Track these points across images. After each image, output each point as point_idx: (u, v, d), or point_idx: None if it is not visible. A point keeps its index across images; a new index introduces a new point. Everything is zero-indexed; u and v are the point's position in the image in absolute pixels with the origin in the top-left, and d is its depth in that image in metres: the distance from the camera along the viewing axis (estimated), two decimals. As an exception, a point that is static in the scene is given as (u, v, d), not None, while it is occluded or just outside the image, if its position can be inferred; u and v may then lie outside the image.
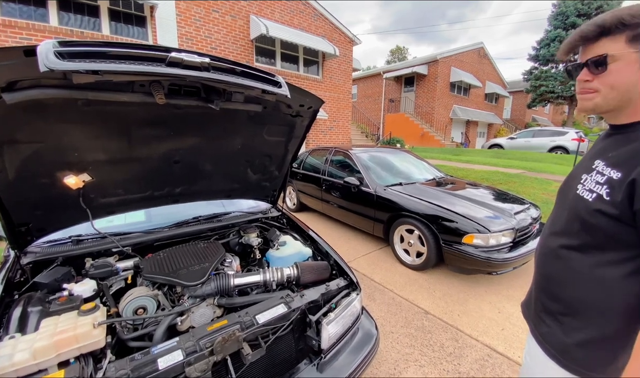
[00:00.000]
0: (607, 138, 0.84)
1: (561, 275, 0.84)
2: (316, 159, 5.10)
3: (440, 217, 2.99)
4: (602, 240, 0.74)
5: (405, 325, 2.34)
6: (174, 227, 1.86)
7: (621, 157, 0.73)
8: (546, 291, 0.90)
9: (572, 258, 0.81)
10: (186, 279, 1.38)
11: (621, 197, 0.69)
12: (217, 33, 7.85)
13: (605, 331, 0.76)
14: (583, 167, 0.86)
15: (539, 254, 0.96)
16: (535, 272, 0.99)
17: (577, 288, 0.80)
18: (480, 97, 19.95)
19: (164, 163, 1.62)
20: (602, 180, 0.75)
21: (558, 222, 0.89)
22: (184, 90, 1.25)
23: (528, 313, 1.02)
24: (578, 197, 0.80)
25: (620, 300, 0.73)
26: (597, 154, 0.82)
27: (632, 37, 0.69)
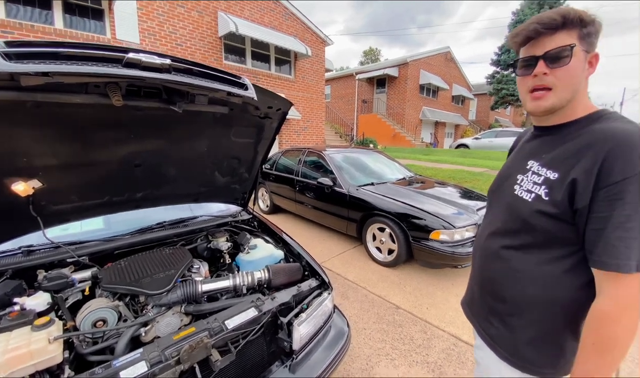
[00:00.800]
0: (536, 139, 0.86)
1: (505, 276, 0.84)
2: (289, 159, 5.09)
3: (410, 215, 3.11)
4: (542, 238, 0.75)
5: (377, 321, 2.41)
6: (136, 234, 1.77)
7: (556, 157, 0.75)
8: (491, 293, 0.90)
9: (514, 258, 0.81)
10: (150, 288, 1.32)
11: (561, 196, 0.70)
12: (182, 29, 7.47)
13: (551, 326, 0.78)
14: (515, 168, 0.86)
15: (480, 257, 0.95)
16: (476, 273, 0.99)
17: (521, 287, 0.80)
18: (447, 99, 20.92)
19: (124, 167, 1.54)
20: (539, 181, 0.76)
21: (496, 223, 0.89)
22: (143, 91, 1.20)
23: (473, 314, 1.01)
24: (516, 198, 0.80)
25: (562, 294, 0.75)
26: (528, 155, 0.84)
27: (583, 35, 0.70)
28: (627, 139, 0.64)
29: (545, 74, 0.72)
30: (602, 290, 0.67)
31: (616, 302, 0.64)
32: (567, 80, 0.72)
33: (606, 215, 0.64)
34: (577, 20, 0.70)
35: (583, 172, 0.67)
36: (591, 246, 0.67)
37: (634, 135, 0.64)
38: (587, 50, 0.72)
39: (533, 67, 0.74)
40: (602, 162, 0.64)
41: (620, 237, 0.63)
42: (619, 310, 0.64)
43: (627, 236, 0.62)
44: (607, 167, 0.64)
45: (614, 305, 0.64)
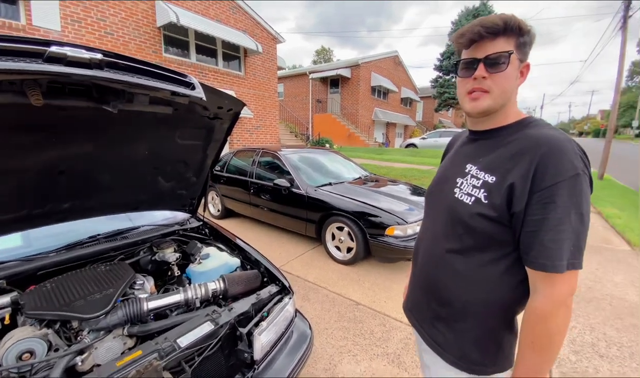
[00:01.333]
0: (472, 143, 0.88)
1: (449, 281, 0.84)
2: (242, 160, 4.90)
3: (367, 213, 3.20)
4: (482, 241, 0.77)
5: (338, 320, 2.44)
6: (63, 251, 1.55)
7: (493, 161, 0.77)
8: (436, 298, 0.89)
9: (457, 262, 0.82)
10: (84, 311, 1.17)
11: (500, 200, 0.72)
12: (113, 16, 6.64)
13: (493, 326, 0.80)
14: (454, 171, 0.87)
15: (423, 261, 0.94)
16: (419, 278, 0.98)
17: (464, 291, 0.81)
18: (397, 101, 22.13)
19: (45, 175, 1.33)
20: (478, 184, 0.77)
21: (437, 227, 0.89)
22: (68, 89, 1.04)
23: (417, 320, 0.98)
24: (457, 201, 0.81)
25: (501, 294, 0.77)
26: (466, 158, 0.85)
27: (519, 44, 0.73)
28: (558, 145, 0.67)
29: (484, 77, 0.75)
30: (537, 289, 0.70)
31: (551, 301, 0.68)
32: (503, 86, 0.75)
33: (540, 218, 0.67)
34: (516, 28, 0.72)
35: (520, 176, 0.69)
36: (527, 248, 0.70)
37: (564, 142, 0.68)
38: (521, 59, 0.75)
39: (474, 69, 0.76)
40: (536, 167, 0.67)
41: (553, 239, 0.66)
42: (553, 307, 0.67)
43: (559, 238, 0.65)
44: (540, 172, 0.67)
45: (549, 303, 0.68)
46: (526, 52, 0.76)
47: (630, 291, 2.93)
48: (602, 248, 4.02)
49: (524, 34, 0.73)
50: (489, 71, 0.74)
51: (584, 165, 0.68)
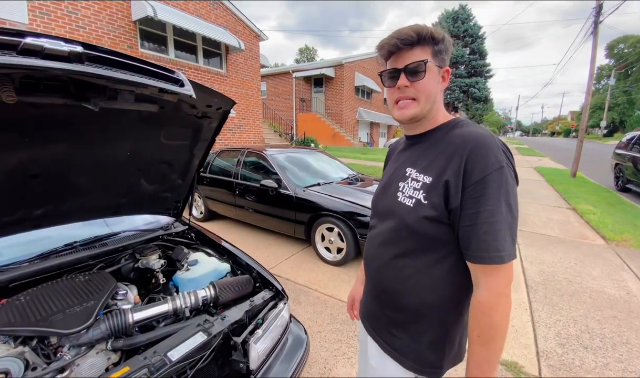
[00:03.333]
0: (409, 147, 0.90)
1: (400, 285, 0.84)
2: (226, 161, 4.76)
3: (357, 213, 3.19)
4: (426, 242, 0.78)
5: (331, 322, 2.41)
6: (37, 260, 1.42)
7: (430, 162, 0.79)
8: (390, 305, 0.88)
9: (405, 266, 0.82)
10: (63, 326, 1.08)
11: (437, 199, 0.74)
12: (85, 9, 6.31)
13: (445, 326, 0.82)
14: (396, 176, 0.88)
15: (373, 268, 0.94)
16: (370, 286, 0.97)
17: (415, 294, 0.82)
18: (380, 101, 22.40)
19: (15, 179, 1.21)
20: (418, 186, 0.79)
21: (384, 233, 0.89)
22: (43, 84, 0.95)
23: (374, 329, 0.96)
24: (400, 204, 0.82)
25: (449, 293, 0.80)
26: (405, 163, 0.87)
27: (435, 52, 0.77)
28: (483, 141, 0.71)
29: (407, 86, 0.78)
30: (478, 282, 0.72)
31: (492, 292, 0.69)
32: (425, 92, 0.78)
33: (473, 212, 0.69)
34: (429, 38, 0.76)
35: (452, 174, 0.72)
36: (465, 243, 0.72)
37: (488, 138, 0.72)
38: (440, 65, 0.79)
39: (397, 79, 0.80)
40: (465, 163, 0.71)
41: (487, 231, 0.68)
42: (495, 299, 0.69)
43: (493, 229, 0.68)
44: (469, 168, 0.70)
45: (490, 295, 0.70)
46: (443, 58, 0.79)
47: (608, 284, 3.08)
48: (579, 243, 4.21)
49: (438, 43, 0.77)
50: (410, 80, 0.78)
51: (506, 159, 0.71)
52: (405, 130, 0.93)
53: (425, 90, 0.78)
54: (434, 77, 0.78)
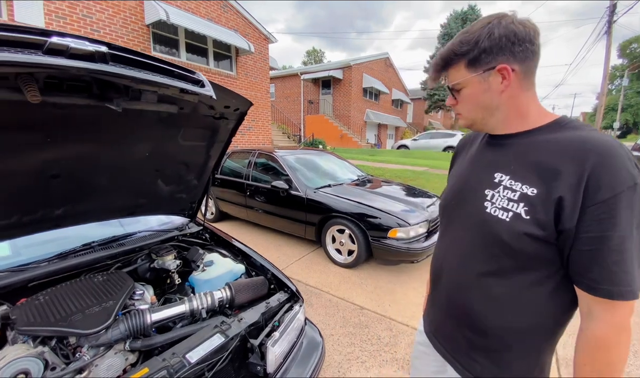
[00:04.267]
0: (495, 148, 0.79)
1: (485, 307, 0.75)
2: (237, 162, 4.78)
3: (369, 215, 3.15)
4: (523, 261, 0.69)
5: (343, 325, 2.38)
6: (56, 260, 1.44)
7: (530, 169, 0.69)
8: (470, 326, 0.79)
9: (495, 286, 0.73)
10: (83, 326, 1.08)
11: (546, 216, 0.64)
12: (100, 12, 6.40)
13: (539, 352, 0.74)
14: (479, 181, 0.78)
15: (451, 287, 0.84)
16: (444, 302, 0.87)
17: (505, 318, 0.73)
18: (388, 102, 22.30)
19: (36, 178, 1.22)
20: (514, 197, 0.69)
21: (463, 246, 0.80)
22: (67, 84, 0.95)
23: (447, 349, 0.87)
24: (490, 217, 0.71)
25: (547, 318, 0.71)
26: (492, 166, 0.77)
27: (468, 64, 0.72)
28: (611, 151, 0.59)
29: (453, 104, 0.80)
30: (593, 314, 0.63)
31: (613, 327, 0.61)
32: (467, 106, 0.77)
33: (597, 236, 0.59)
34: (453, 56, 0.74)
35: (568, 189, 0.61)
36: (582, 269, 0.63)
37: (616, 146, 0.60)
38: (485, 70, 0.71)
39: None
40: (588, 177, 0.59)
41: (617, 261, 0.59)
42: (616, 335, 0.61)
43: (623, 259, 0.59)
44: (594, 183, 0.59)
45: (610, 330, 0.61)
46: (486, 61, 0.70)
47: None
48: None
49: (467, 53, 0.71)
50: (454, 98, 0.79)
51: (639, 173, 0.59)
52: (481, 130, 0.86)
53: (466, 105, 0.77)
54: (474, 89, 0.73)
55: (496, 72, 0.70)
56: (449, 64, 0.75)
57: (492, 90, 0.72)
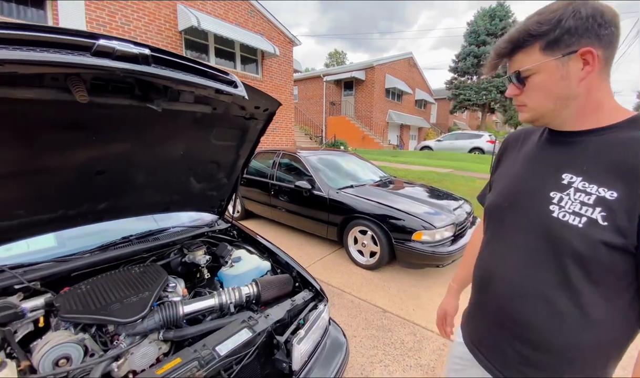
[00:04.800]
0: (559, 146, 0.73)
1: (546, 321, 0.68)
2: (261, 162, 4.88)
3: (393, 216, 3.11)
4: (597, 272, 0.62)
5: (366, 327, 2.35)
6: (97, 252, 1.53)
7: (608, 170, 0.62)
8: (526, 341, 0.72)
9: (559, 298, 0.66)
10: (121, 315, 1.13)
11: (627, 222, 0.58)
12: (137, 20, 6.84)
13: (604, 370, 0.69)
14: (542, 181, 0.72)
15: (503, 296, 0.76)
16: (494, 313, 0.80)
17: (570, 333, 0.66)
18: (411, 103, 21.85)
19: (83, 174, 1.31)
20: (589, 201, 0.62)
21: (521, 253, 0.73)
22: (112, 86, 1.01)
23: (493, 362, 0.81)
24: (558, 222, 0.65)
25: (617, 333, 0.66)
26: (558, 165, 0.70)
27: (545, 46, 0.64)
28: None
29: (516, 94, 0.72)
30: None
31: None
32: (537, 96, 0.68)
33: None
34: (527, 37, 0.65)
35: None
36: None
37: None
38: (565, 54, 0.63)
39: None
40: None
41: None
42: None
43: None
44: None
45: None
46: (569, 43, 0.62)
47: None
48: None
49: (544, 34, 0.63)
50: (517, 87, 0.71)
51: None
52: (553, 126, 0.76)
53: (533, 97, 0.69)
54: (548, 76, 0.65)
55: (578, 56, 0.62)
56: (519, 46, 0.67)
57: (571, 77, 0.64)
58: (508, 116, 24.22)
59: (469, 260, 1.07)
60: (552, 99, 0.67)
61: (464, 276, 1.13)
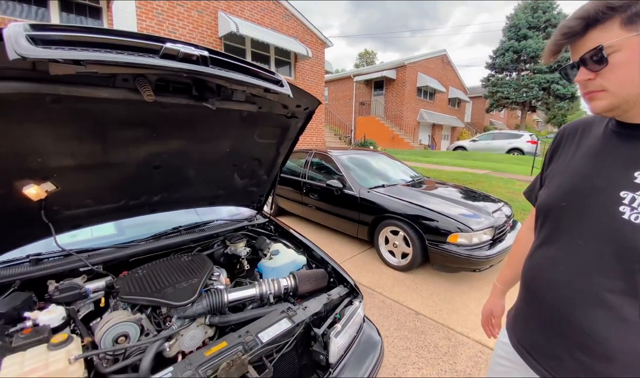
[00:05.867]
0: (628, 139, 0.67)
1: (612, 329, 0.65)
2: (294, 161, 4.98)
3: (427, 217, 3.04)
4: None
5: (398, 328, 2.33)
6: (151, 240, 1.66)
7: None
8: (587, 349, 0.68)
9: (626, 306, 0.62)
10: (174, 299, 1.22)
11: None
12: (182, 28, 7.38)
13: None
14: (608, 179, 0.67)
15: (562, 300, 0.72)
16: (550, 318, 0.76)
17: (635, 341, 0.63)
18: (444, 101, 21.04)
19: (143, 168, 1.44)
20: None
21: (582, 256, 0.69)
22: (172, 86, 1.11)
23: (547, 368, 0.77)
24: (629, 225, 0.61)
25: None
26: (630, 162, 0.65)
27: (627, 20, 0.57)
28: None
29: (590, 79, 0.63)
30: None
31: None
32: (620, 78, 0.60)
33: None
34: (605, 11, 0.58)
35: None
36: None
37: None
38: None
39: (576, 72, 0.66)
40: None
41: None
42: None
43: None
44: None
45: None
46: None
47: None
48: None
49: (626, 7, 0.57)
50: (592, 70, 0.62)
51: None
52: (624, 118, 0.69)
53: (615, 78, 0.60)
54: (632, 53, 0.58)
55: None
56: (595, 22, 0.60)
57: None
58: (551, 115, 22.45)
59: (515, 260, 1.04)
60: (638, 80, 0.59)
61: (510, 276, 1.10)
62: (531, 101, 20.45)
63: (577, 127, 0.83)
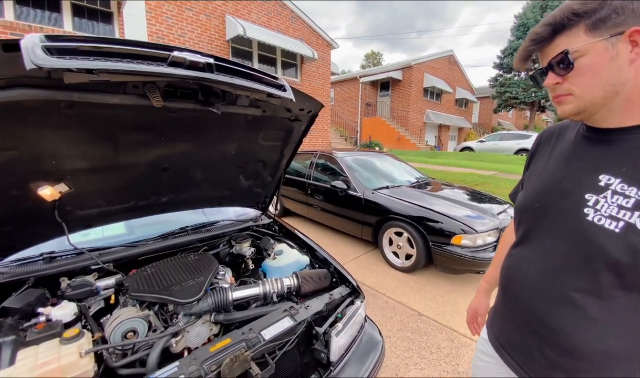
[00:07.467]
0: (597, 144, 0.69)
1: (575, 327, 0.66)
2: (299, 162, 5.03)
3: (430, 219, 3.04)
4: (632, 279, 0.60)
5: (401, 329, 2.34)
6: (159, 239, 1.72)
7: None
8: (556, 346, 0.70)
9: (590, 305, 0.64)
10: (181, 296, 1.27)
11: None
12: (190, 32, 7.52)
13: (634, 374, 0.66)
14: (577, 183, 0.69)
15: (532, 299, 0.75)
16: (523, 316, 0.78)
17: (601, 340, 0.64)
18: (451, 102, 20.88)
19: (152, 170, 1.50)
20: (628, 204, 0.60)
21: (551, 257, 0.71)
22: (180, 92, 1.15)
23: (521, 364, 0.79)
24: (594, 226, 0.63)
25: None
26: (594, 166, 0.67)
27: (591, 26, 0.60)
28: None
29: (558, 83, 0.66)
30: None
31: None
32: (585, 82, 0.63)
33: None
34: (570, 17, 0.61)
35: None
36: None
37: None
38: (612, 35, 0.59)
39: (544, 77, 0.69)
40: None
41: None
42: None
43: None
44: None
45: None
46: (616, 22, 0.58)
47: None
48: None
49: (591, 13, 0.59)
50: (559, 75, 0.65)
51: None
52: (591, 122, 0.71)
53: (581, 81, 0.63)
54: (597, 58, 0.60)
55: (626, 37, 0.59)
56: (562, 28, 0.63)
57: (621, 59, 0.59)
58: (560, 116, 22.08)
59: (499, 260, 1.05)
60: (602, 84, 0.62)
61: (494, 276, 1.11)
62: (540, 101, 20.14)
63: (554, 131, 0.85)
